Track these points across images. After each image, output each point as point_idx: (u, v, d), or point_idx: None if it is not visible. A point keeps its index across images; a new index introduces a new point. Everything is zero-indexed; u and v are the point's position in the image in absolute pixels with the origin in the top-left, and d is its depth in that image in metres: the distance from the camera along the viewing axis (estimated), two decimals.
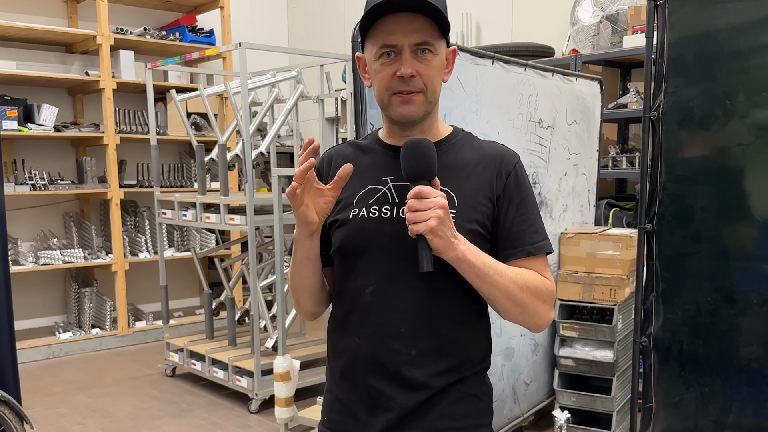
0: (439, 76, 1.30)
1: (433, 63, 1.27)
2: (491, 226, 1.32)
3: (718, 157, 2.38)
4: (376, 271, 1.30)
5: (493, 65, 3.14)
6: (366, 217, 1.31)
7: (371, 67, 1.30)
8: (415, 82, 1.26)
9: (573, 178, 3.82)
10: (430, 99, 1.29)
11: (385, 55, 1.26)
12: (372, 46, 1.29)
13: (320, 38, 7.22)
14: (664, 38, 2.42)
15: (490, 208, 1.31)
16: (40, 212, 5.84)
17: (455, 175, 1.32)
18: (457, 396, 1.32)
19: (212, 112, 4.59)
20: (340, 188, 1.26)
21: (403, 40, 1.24)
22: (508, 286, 1.24)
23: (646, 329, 2.55)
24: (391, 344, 1.29)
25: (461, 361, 1.32)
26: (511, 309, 1.27)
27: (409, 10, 1.23)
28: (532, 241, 1.31)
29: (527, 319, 1.30)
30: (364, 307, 1.32)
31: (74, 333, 5.60)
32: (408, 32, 1.24)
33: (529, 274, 1.29)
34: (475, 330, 1.36)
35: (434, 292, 1.28)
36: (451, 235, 1.19)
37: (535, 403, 3.69)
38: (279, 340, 3.78)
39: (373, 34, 1.28)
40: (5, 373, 3.04)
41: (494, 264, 1.25)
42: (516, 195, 1.32)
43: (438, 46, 1.28)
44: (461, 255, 1.20)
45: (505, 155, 1.36)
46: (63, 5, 5.98)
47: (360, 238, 1.31)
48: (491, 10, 5.63)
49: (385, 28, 1.25)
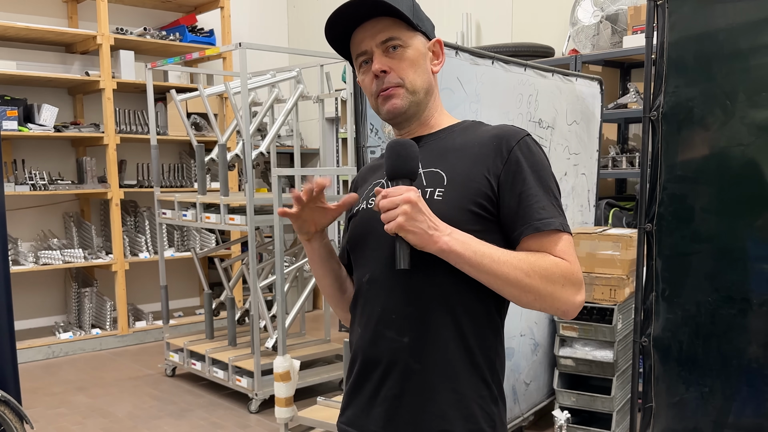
0: (417, 66, 1.31)
1: (404, 56, 1.29)
2: (494, 206, 1.25)
3: (718, 157, 2.38)
4: (373, 260, 1.31)
5: (493, 65, 3.14)
6: (364, 209, 1.36)
7: (359, 79, 1.37)
8: (389, 77, 1.29)
9: (573, 178, 3.82)
10: (411, 89, 1.30)
11: (364, 63, 1.33)
12: (354, 60, 1.36)
13: (320, 38, 7.17)
14: (664, 38, 2.42)
15: (487, 186, 1.24)
16: (40, 212, 5.84)
17: (448, 156, 1.30)
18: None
19: (212, 112, 4.59)
20: (343, 210, 1.30)
21: (371, 43, 1.30)
22: (508, 273, 1.17)
23: (646, 329, 2.56)
24: (385, 332, 1.28)
25: (457, 352, 1.27)
26: (521, 297, 1.20)
27: (367, 18, 1.29)
28: (539, 216, 1.21)
29: (546, 305, 1.20)
30: (362, 296, 1.34)
31: (74, 333, 5.60)
32: (373, 35, 1.29)
33: (538, 257, 1.19)
34: (476, 321, 1.28)
35: (428, 277, 1.25)
36: (428, 227, 1.15)
37: (535, 403, 3.69)
38: (279, 340, 3.78)
39: (351, 48, 1.35)
40: (5, 373, 3.04)
41: (490, 251, 1.18)
42: (520, 171, 1.24)
43: (408, 38, 1.30)
44: (445, 247, 1.16)
45: (508, 132, 1.29)
46: (63, 5, 5.98)
47: (360, 229, 1.35)
48: (491, 10, 5.63)
49: (355, 39, 1.32)
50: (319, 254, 1.39)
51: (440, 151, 1.32)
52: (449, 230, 1.17)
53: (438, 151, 1.31)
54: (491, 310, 1.30)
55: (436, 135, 1.35)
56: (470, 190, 1.24)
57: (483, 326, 1.30)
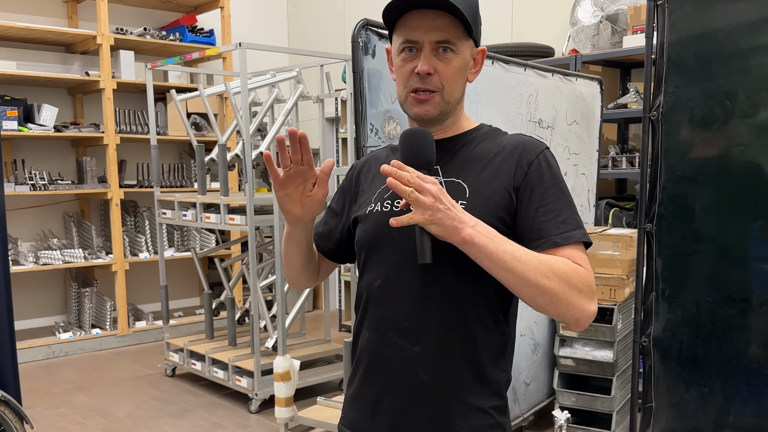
0: (460, 76, 1.27)
1: (453, 62, 1.25)
2: (512, 220, 1.24)
3: (718, 157, 2.38)
4: (386, 265, 1.29)
5: (492, 65, 3.14)
6: (380, 212, 1.31)
7: (395, 61, 1.31)
8: (432, 80, 1.24)
9: (573, 178, 3.82)
10: (447, 99, 1.27)
11: (407, 50, 1.26)
12: (396, 40, 1.29)
13: (320, 38, 7.22)
14: (664, 38, 2.42)
15: (507, 200, 1.23)
16: (40, 212, 5.84)
17: (470, 167, 1.28)
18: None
19: (212, 112, 4.59)
20: (325, 183, 1.28)
21: (425, 37, 1.23)
22: (528, 272, 1.12)
23: (646, 329, 2.55)
24: (395, 339, 1.26)
25: (467, 364, 1.26)
26: (537, 298, 1.14)
27: (431, 7, 1.22)
28: (559, 231, 1.19)
29: (561, 310, 1.15)
30: (373, 300, 1.31)
31: (74, 333, 5.60)
32: (430, 29, 1.23)
33: (557, 260, 1.16)
34: (488, 334, 1.26)
35: (441, 287, 1.23)
36: (452, 217, 1.12)
37: (535, 403, 3.69)
38: (279, 340, 3.78)
39: (398, 28, 1.27)
40: (5, 373, 3.04)
41: (512, 248, 1.14)
42: (539, 185, 1.23)
43: (461, 45, 1.25)
44: (468, 238, 1.12)
45: (528, 145, 1.28)
46: (63, 5, 5.98)
47: (372, 232, 1.31)
48: (491, 10, 5.63)
49: (409, 23, 1.24)
50: (296, 239, 1.37)
51: (460, 160, 1.29)
52: (473, 221, 1.14)
53: (458, 160, 1.29)
54: (501, 322, 1.29)
55: (455, 140, 1.33)
56: (492, 204, 1.23)
57: (496, 339, 1.28)
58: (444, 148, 1.30)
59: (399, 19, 1.27)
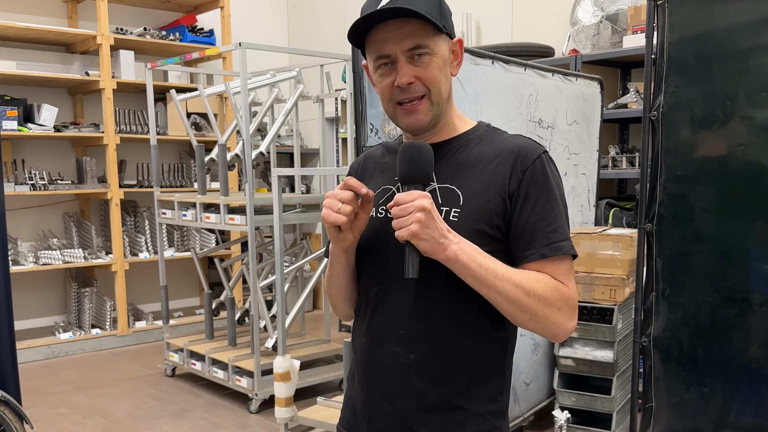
0: (442, 74, 1.25)
1: (431, 64, 1.22)
2: (505, 226, 1.23)
3: (718, 157, 2.38)
4: (382, 272, 1.28)
5: (493, 65, 3.14)
6: (375, 218, 1.30)
7: (374, 78, 1.28)
8: (414, 87, 1.22)
9: (573, 178, 3.82)
10: (436, 101, 1.25)
11: (383, 66, 1.24)
12: (370, 57, 1.26)
13: (320, 38, 7.22)
14: (664, 38, 2.42)
15: (501, 207, 1.22)
16: (40, 212, 5.84)
17: (465, 172, 1.26)
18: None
19: (212, 112, 4.59)
20: (370, 204, 1.25)
21: (396, 48, 1.21)
22: (509, 290, 1.15)
23: (646, 329, 2.56)
24: (392, 347, 1.26)
25: (463, 370, 1.26)
26: (517, 315, 1.18)
27: (392, 17, 1.20)
28: (548, 241, 1.20)
29: (540, 327, 1.20)
30: (369, 307, 1.31)
31: (74, 333, 5.60)
32: (399, 39, 1.20)
33: (539, 279, 1.18)
34: (484, 339, 1.27)
35: (436, 294, 1.23)
36: (439, 235, 1.13)
37: (535, 403, 3.69)
38: (279, 340, 3.78)
39: (368, 45, 1.25)
40: (5, 373, 3.04)
41: (495, 266, 1.16)
42: (533, 191, 1.22)
43: (435, 44, 1.22)
44: (452, 255, 1.14)
45: (525, 148, 1.25)
46: (63, 5, 5.98)
47: (368, 239, 1.29)
48: (491, 10, 5.63)
49: (377, 38, 1.22)
50: (351, 263, 1.32)
51: (456, 164, 1.27)
52: (458, 239, 1.16)
53: (453, 165, 1.27)
54: (498, 327, 1.28)
55: (452, 143, 1.30)
56: (485, 211, 1.22)
57: (492, 344, 1.28)
58: (438, 153, 1.27)
59: (367, 36, 1.24)
